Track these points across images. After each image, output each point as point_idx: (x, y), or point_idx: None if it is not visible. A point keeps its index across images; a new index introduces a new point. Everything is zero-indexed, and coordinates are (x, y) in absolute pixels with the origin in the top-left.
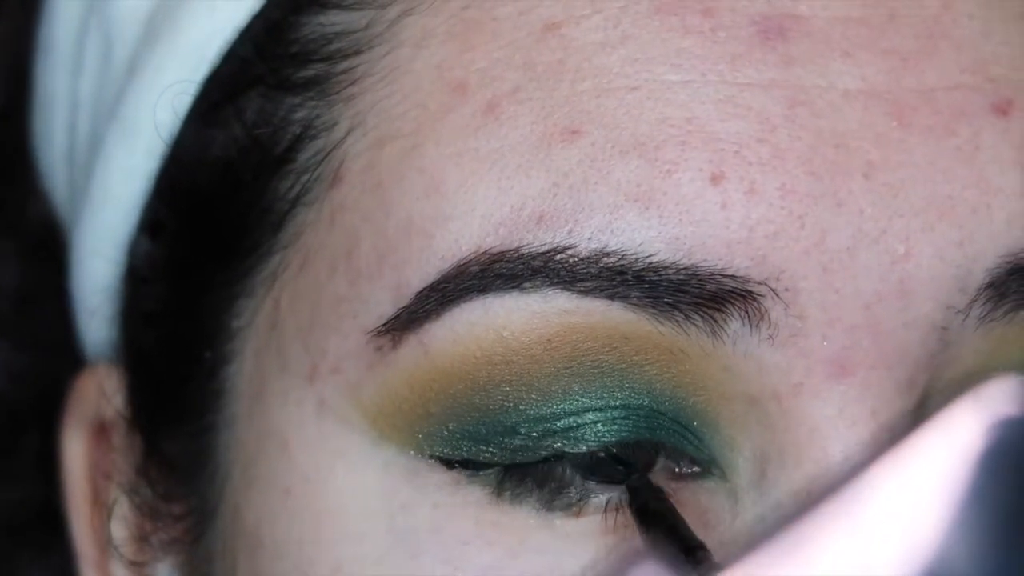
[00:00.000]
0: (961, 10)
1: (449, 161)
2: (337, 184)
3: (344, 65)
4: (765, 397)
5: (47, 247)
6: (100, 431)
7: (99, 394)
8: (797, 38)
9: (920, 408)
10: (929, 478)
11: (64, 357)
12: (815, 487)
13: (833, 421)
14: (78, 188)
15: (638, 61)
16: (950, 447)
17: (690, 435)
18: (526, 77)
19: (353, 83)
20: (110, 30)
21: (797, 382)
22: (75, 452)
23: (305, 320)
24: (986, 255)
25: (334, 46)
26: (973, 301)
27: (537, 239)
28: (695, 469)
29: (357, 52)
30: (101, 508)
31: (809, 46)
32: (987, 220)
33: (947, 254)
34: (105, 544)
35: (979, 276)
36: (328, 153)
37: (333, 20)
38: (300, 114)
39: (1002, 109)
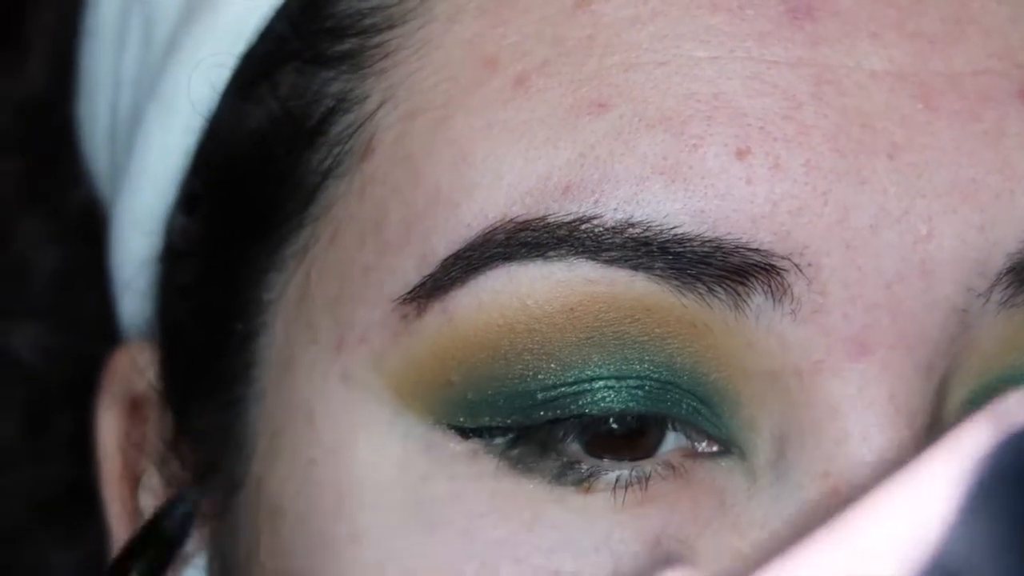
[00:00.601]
0: None
1: (478, 132)
2: (368, 156)
3: (377, 39)
4: (786, 374)
5: (86, 230)
6: (133, 407)
7: (133, 370)
8: (825, 18)
9: (939, 394)
10: (937, 484)
11: (99, 339)
12: (833, 468)
13: (852, 400)
14: (119, 166)
15: (667, 37)
16: (960, 456)
17: (706, 410)
18: (555, 51)
19: (386, 57)
20: (152, 11)
21: (818, 359)
22: (108, 427)
23: (334, 292)
24: (1007, 240)
25: (368, 21)
26: (994, 285)
27: (563, 208)
28: (714, 448)
29: (391, 27)
30: (133, 482)
31: (837, 26)
32: (1009, 205)
33: (969, 237)
34: (135, 516)
35: (1000, 261)
36: (360, 126)
37: None
38: (334, 88)
39: None
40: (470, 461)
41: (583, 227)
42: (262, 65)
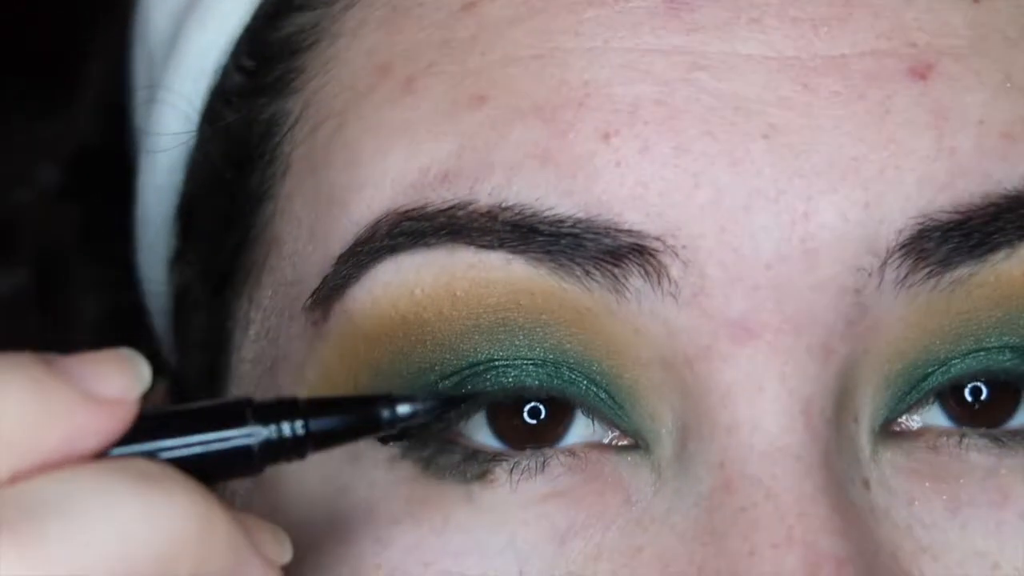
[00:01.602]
0: None
1: (365, 135)
2: (287, 174)
3: (297, 61)
4: (678, 362)
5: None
6: None
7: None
8: (704, 7)
9: (843, 378)
10: None
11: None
12: (727, 458)
13: (742, 387)
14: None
15: (544, 32)
16: None
17: (607, 397)
18: (442, 53)
19: (302, 76)
20: (151, 53)
21: (706, 344)
22: None
23: (269, 314)
24: (895, 216)
25: (291, 45)
26: (885, 264)
27: (440, 197)
28: (624, 442)
29: (309, 47)
30: None
31: (715, 13)
32: (896, 181)
33: (852, 215)
34: None
35: (889, 237)
36: (280, 146)
37: (294, 21)
38: (266, 113)
39: (920, 73)
40: (388, 467)
41: (459, 213)
42: (219, 99)
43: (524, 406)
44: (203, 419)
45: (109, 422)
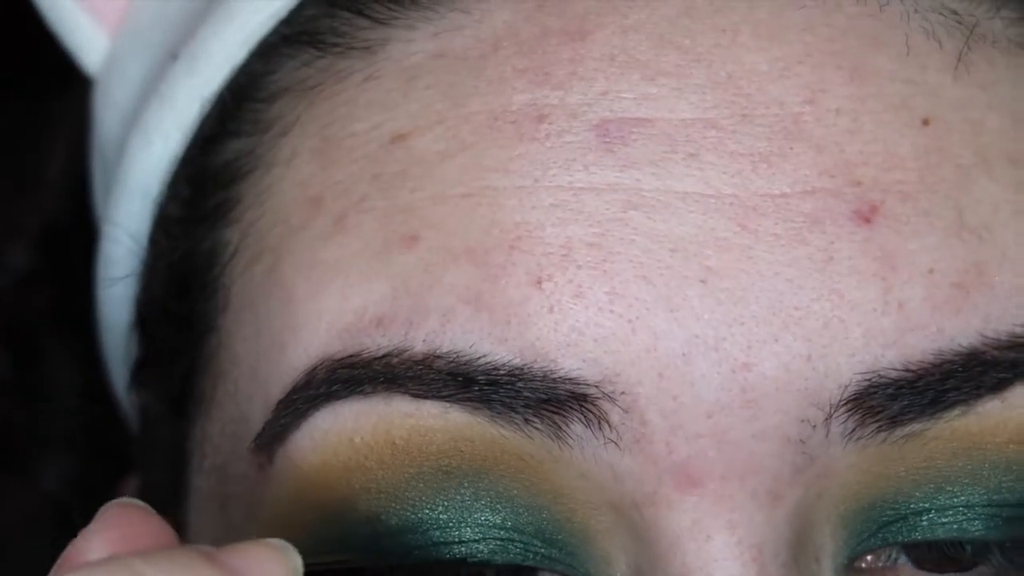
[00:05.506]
0: (827, 105)
1: (299, 273)
2: (225, 309)
3: (234, 190)
4: (626, 506)
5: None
6: None
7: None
8: (638, 141)
9: (795, 520)
10: None
11: (117, 465)
12: None
13: (690, 533)
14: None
15: (473, 169)
16: None
17: (557, 553)
18: (373, 187)
19: (238, 206)
20: (105, 163)
21: (650, 491)
22: None
23: (219, 450)
24: (840, 371)
25: (228, 173)
26: (830, 417)
27: (375, 343)
28: None
29: (244, 176)
30: None
31: (650, 148)
32: (841, 334)
33: (794, 366)
34: None
35: (833, 392)
36: (220, 278)
37: (230, 148)
38: (205, 244)
39: (864, 216)
40: None
41: (394, 360)
42: (160, 226)
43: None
44: None
45: None
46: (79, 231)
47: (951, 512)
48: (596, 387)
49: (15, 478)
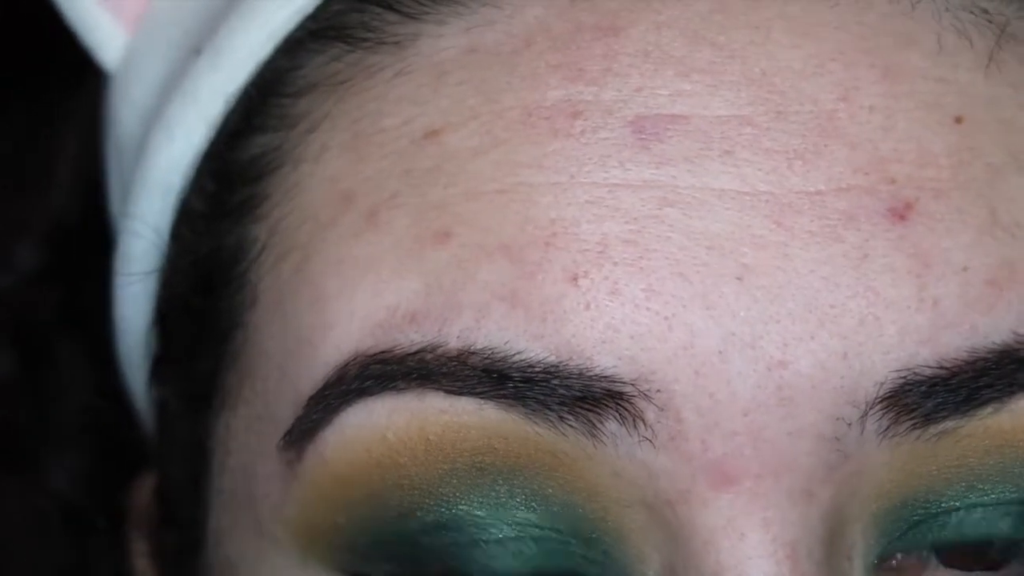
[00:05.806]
0: (860, 102)
1: (331, 269)
2: (253, 305)
3: (261, 186)
4: (660, 504)
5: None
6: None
7: (151, 496)
8: (674, 138)
9: (829, 518)
10: None
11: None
12: None
13: (724, 531)
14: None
15: (507, 165)
16: None
17: (593, 552)
18: (404, 183)
19: (266, 202)
20: (120, 157)
21: (684, 488)
22: (140, 553)
23: (245, 447)
24: (876, 368)
25: (254, 169)
26: (865, 415)
27: (409, 339)
28: None
29: (272, 171)
30: None
31: (686, 145)
32: (876, 332)
33: (829, 364)
34: None
35: (869, 390)
36: (246, 274)
37: (256, 143)
38: (231, 239)
39: (899, 214)
40: None
41: (428, 356)
42: (184, 220)
43: None
44: None
45: None
46: (89, 230)
47: (981, 510)
48: (632, 385)
49: (24, 477)
